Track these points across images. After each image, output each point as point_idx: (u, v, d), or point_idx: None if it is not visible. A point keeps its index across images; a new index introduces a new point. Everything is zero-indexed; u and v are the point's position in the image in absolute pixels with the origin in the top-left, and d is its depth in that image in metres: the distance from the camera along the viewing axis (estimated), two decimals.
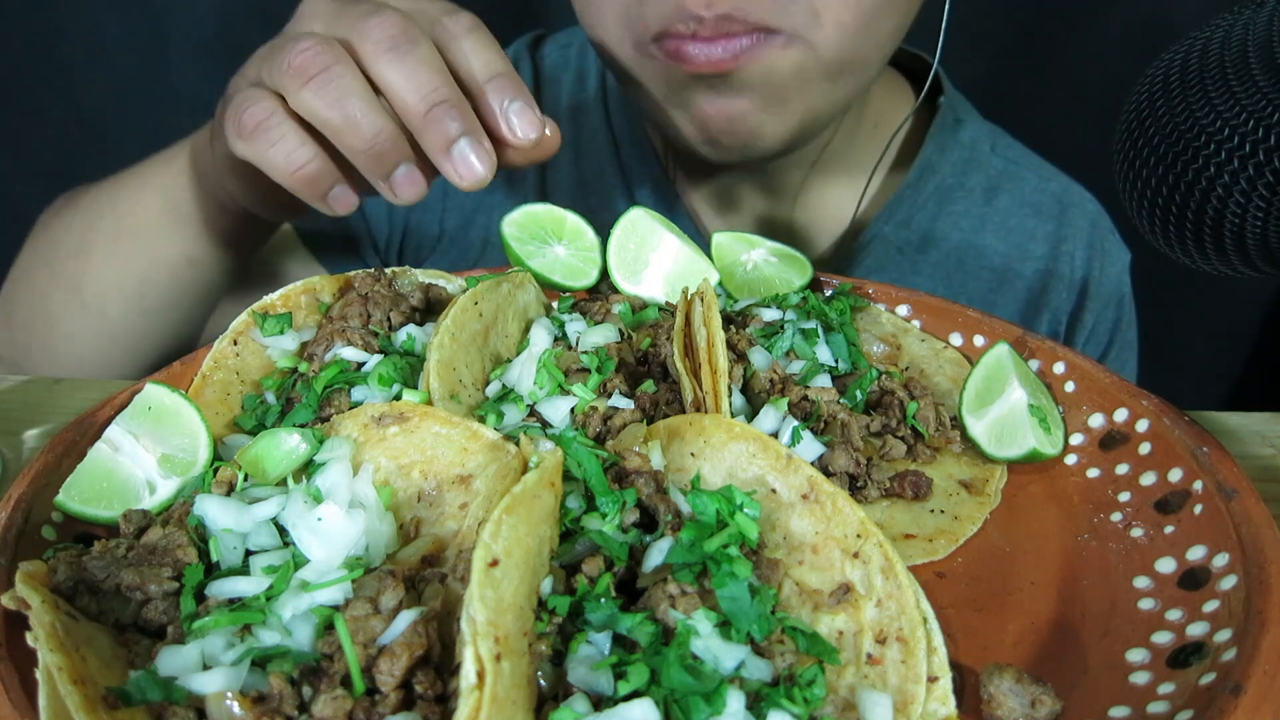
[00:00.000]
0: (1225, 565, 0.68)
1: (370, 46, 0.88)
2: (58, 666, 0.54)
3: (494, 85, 0.93)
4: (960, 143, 1.51)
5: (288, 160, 0.90)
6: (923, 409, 0.88)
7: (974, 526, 0.79)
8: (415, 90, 0.88)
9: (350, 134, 0.88)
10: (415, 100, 0.88)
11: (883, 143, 1.48)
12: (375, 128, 0.88)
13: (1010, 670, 0.63)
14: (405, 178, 0.93)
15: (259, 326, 0.91)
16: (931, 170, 1.48)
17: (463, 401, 0.83)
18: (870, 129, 1.48)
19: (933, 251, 1.47)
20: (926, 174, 1.48)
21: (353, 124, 0.87)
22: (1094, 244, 1.51)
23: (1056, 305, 1.49)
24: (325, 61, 0.87)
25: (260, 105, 0.90)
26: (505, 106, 0.92)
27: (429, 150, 0.90)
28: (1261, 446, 0.92)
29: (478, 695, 0.49)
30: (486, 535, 0.55)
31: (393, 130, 0.89)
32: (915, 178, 1.47)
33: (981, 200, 1.50)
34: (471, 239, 1.54)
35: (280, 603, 0.61)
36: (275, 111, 0.90)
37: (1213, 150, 0.73)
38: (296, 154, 0.90)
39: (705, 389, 0.80)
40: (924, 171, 1.48)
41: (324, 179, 0.93)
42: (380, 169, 0.91)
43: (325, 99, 0.87)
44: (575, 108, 1.56)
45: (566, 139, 1.55)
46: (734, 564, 0.63)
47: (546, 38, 1.65)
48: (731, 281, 1.06)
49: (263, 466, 0.73)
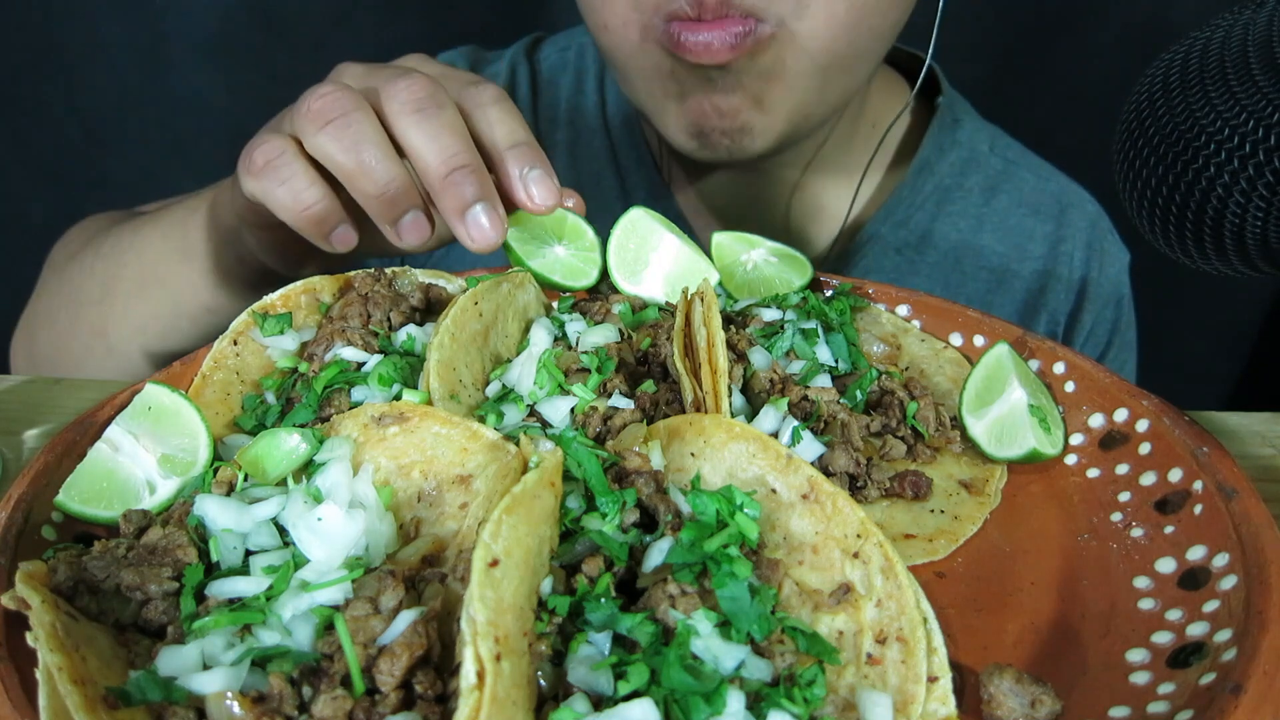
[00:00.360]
0: (1225, 565, 0.68)
1: (396, 106, 0.90)
2: (58, 666, 0.54)
3: (514, 153, 0.94)
4: (958, 142, 1.51)
5: (296, 199, 0.91)
6: (923, 409, 0.88)
7: (974, 526, 0.79)
8: (438, 153, 0.89)
9: (364, 179, 0.89)
10: (436, 162, 0.89)
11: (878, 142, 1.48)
12: (389, 175, 0.89)
13: (1010, 670, 0.63)
14: (412, 223, 0.94)
15: (259, 326, 0.91)
16: (929, 170, 1.48)
17: (463, 401, 0.83)
18: (868, 129, 1.48)
19: (930, 252, 1.47)
20: (924, 174, 1.48)
21: (367, 169, 0.89)
22: (1093, 244, 1.50)
23: (1054, 306, 1.49)
24: (344, 107, 0.89)
25: (272, 144, 0.91)
26: (525, 173, 0.94)
27: (444, 211, 0.91)
28: (1261, 446, 0.92)
29: (478, 695, 0.49)
30: (486, 535, 0.55)
31: (405, 179, 0.91)
32: (913, 177, 1.47)
33: (980, 200, 1.50)
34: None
35: (280, 603, 0.61)
36: (286, 151, 0.91)
37: (1213, 150, 0.73)
38: (305, 193, 0.91)
39: (705, 389, 0.80)
40: (922, 171, 1.48)
41: (330, 219, 0.93)
42: (390, 214, 0.92)
43: (341, 143, 0.88)
44: (572, 111, 1.56)
45: (563, 143, 1.55)
46: (734, 564, 0.63)
47: (545, 40, 1.65)
48: (731, 281, 1.06)
49: (263, 466, 0.73)
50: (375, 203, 0.91)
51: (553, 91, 1.58)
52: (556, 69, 1.60)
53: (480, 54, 1.64)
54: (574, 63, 1.59)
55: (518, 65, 1.59)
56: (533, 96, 1.58)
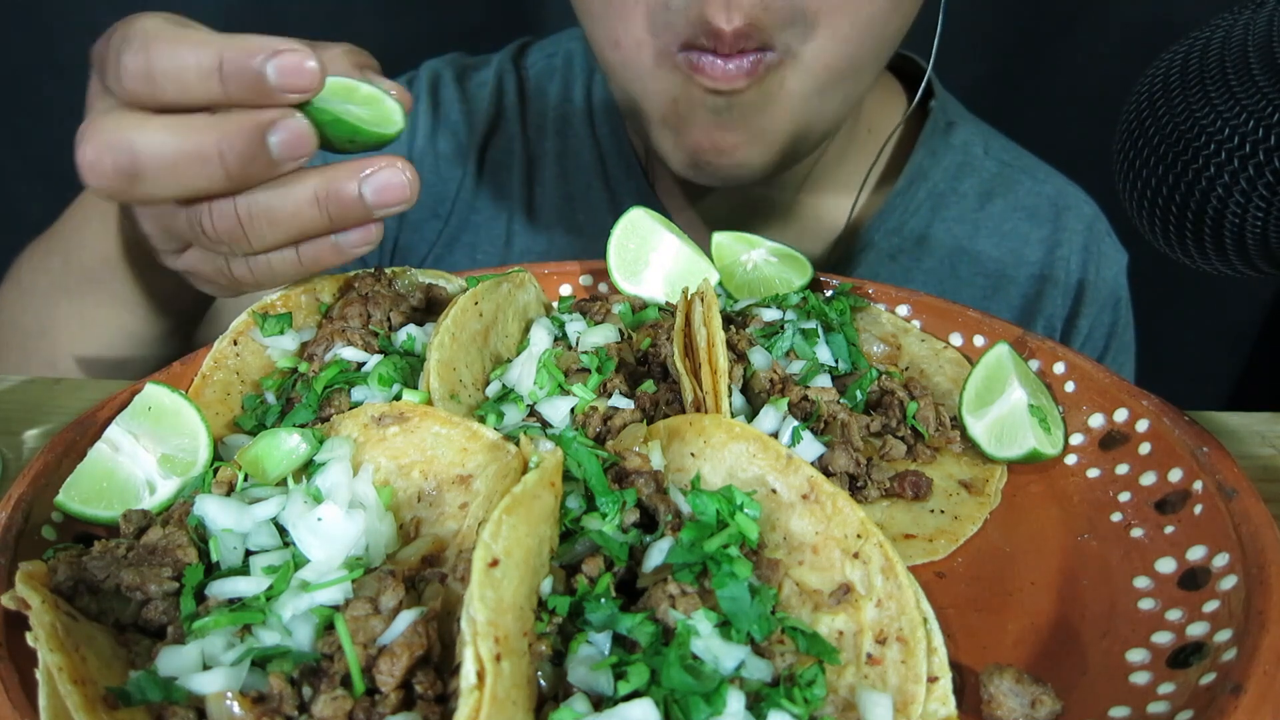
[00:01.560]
0: (1225, 565, 0.68)
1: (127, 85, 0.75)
2: (58, 666, 0.54)
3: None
4: (952, 146, 1.50)
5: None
6: (923, 409, 0.89)
7: (974, 526, 0.79)
8: (197, 69, 0.73)
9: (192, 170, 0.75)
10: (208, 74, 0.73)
11: (875, 147, 1.47)
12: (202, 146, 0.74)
13: (1010, 670, 0.63)
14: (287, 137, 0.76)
15: (259, 326, 0.91)
16: (923, 177, 1.47)
17: (463, 401, 0.83)
18: (865, 135, 1.47)
19: (926, 258, 1.47)
20: (918, 181, 1.47)
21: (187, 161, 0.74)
22: (1089, 247, 1.50)
23: (1051, 311, 1.48)
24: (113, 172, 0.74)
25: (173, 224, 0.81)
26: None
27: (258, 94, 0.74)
28: (1261, 446, 0.92)
29: (478, 695, 0.49)
30: (486, 535, 0.55)
31: (217, 131, 0.74)
32: (905, 185, 1.46)
33: (975, 205, 1.49)
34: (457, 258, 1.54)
35: (280, 603, 0.61)
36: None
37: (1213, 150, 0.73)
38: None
39: (705, 389, 0.80)
40: (915, 178, 1.47)
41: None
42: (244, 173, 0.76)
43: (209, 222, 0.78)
44: (561, 119, 1.55)
45: (552, 152, 1.55)
46: (734, 564, 0.63)
47: (532, 45, 1.63)
48: (731, 281, 1.06)
49: (263, 466, 0.73)
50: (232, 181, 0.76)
51: (541, 100, 1.57)
52: (543, 76, 1.58)
53: (466, 61, 1.62)
54: (561, 69, 1.58)
55: (505, 73, 1.58)
56: (520, 105, 1.57)
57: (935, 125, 1.50)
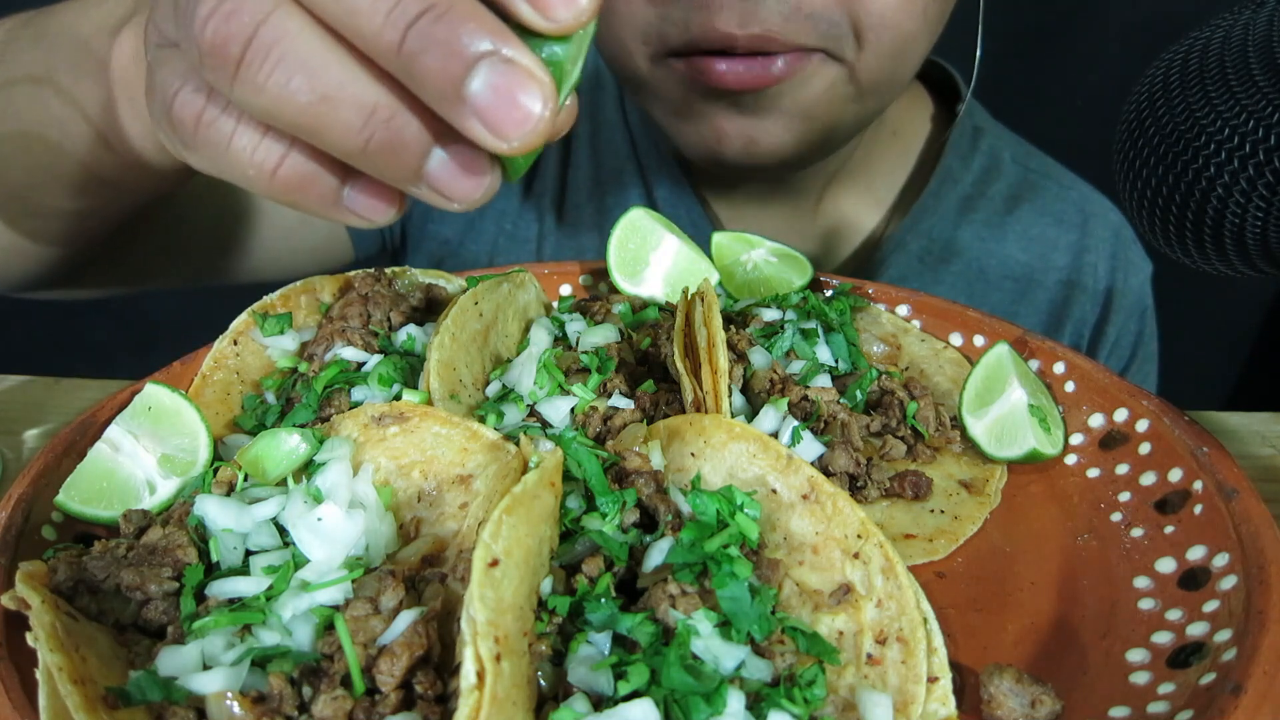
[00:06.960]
0: (1225, 565, 0.68)
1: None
2: (58, 666, 0.54)
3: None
4: (980, 151, 1.50)
5: (254, 166, 0.57)
6: (923, 409, 0.88)
7: (974, 526, 0.79)
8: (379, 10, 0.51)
9: (330, 129, 0.53)
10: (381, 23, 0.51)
11: (901, 150, 1.47)
12: (362, 105, 0.53)
13: (1010, 670, 0.63)
14: (446, 167, 0.55)
15: (259, 326, 0.91)
16: (952, 180, 1.47)
17: (463, 401, 0.83)
18: (889, 136, 1.47)
19: (955, 261, 1.46)
20: (947, 183, 1.47)
21: (327, 112, 0.53)
22: (1117, 254, 1.49)
23: (1080, 316, 1.47)
24: (245, 28, 0.52)
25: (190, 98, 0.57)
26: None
27: (431, 99, 0.52)
28: (1261, 446, 0.92)
29: (478, 695, 0.49)
30: (486, 535, 0.55)
31: (390, 100, 0.53)
32: (936, 187, 1.46)
33: (1002, 210, 1.49)
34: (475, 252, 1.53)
35: (280, 603, 0.61)
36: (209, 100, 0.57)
37: (1213, 150, 0.73)
38: (261, 151, 0.57)
39: (705, 389, 0.80)
40: (945, 181, 1.46)
41: (317, 178, 0.58)
42: (398, 165, 0.55)
43: (270, 92, 0.52)
44: (592, 104, 1.53)
45: (584, 136, 1.54)
46: (734, 564, 0.63)
47: None
48: (731, 281, 1.06)
49: (263, 466, 0.73)
50: (366, 158, 0.55)
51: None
52: None
53: None
54: (591, 56, 1.57)
55: None
56: None
57: (963, 129, 1.49)
